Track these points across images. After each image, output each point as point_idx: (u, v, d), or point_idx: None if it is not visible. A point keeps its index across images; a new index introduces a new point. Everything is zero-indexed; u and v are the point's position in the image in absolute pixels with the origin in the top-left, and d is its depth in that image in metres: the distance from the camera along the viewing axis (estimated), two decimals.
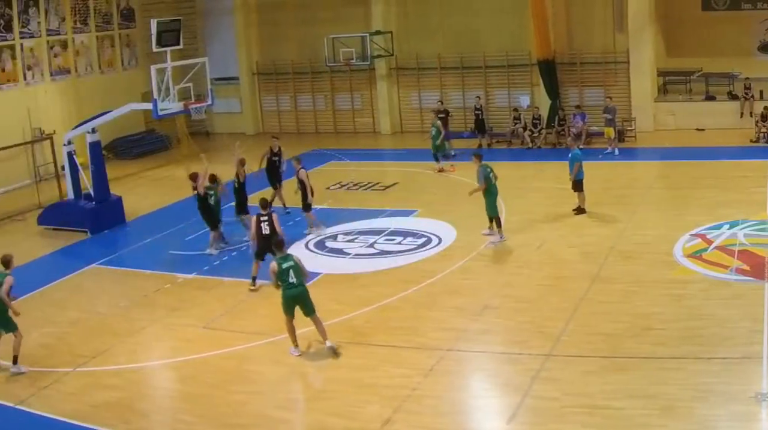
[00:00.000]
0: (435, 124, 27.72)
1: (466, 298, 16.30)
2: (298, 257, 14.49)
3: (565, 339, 14.00)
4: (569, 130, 29.22)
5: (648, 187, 24.03)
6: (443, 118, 29.37)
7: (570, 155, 21.19)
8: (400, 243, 20.13)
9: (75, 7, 32.74)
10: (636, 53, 30.67)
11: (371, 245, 20.11)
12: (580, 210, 21.09)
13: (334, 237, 20.90)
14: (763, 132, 27.65)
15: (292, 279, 14.02)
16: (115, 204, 23.87)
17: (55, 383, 13.85)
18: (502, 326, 15.03)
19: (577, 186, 21.09)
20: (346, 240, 20.66)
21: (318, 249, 20.04)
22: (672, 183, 24.33)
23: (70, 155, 23.44)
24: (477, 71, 33.57)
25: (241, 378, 13.69)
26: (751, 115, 28.95)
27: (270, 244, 16.81)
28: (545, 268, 17.65)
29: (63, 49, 32.27)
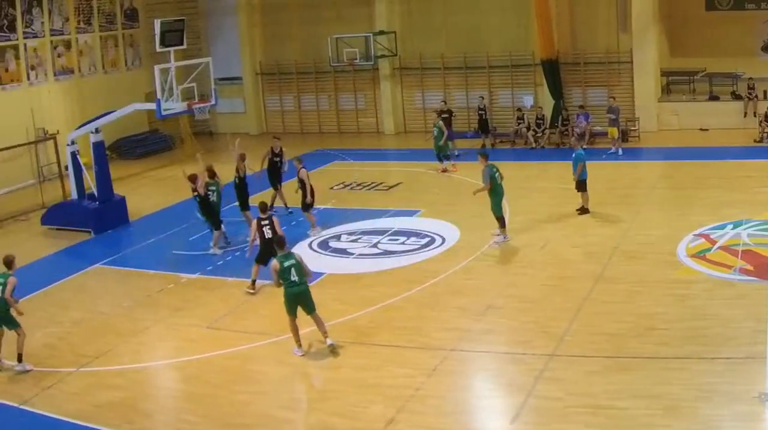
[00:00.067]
0: (437, 124, 27.67)
1: (469, 298, 16.29)
2: (299, 256, 14.49)
3: (569, 339, 13.99)
4: (573, 130, 29.20)
5: (651, 188, 24.00)
6: (447, 118, 29.37)
7: (573, 155, 21.17)
8: (403, 243, 20.13)
9: (78, 7, 32.74)
10: (639, 53, 30.62)
11: (375, 245, 20.10)
12: (583, 210, 21.07)
13: (337, 237, 20.90)
14: (767, 132, 27.60)
15: (293, 277, 14.02)
16: (119, 204, 23.86)
17: (59, 383, 13.87)
18: (505, 326, 15.02)
19: (581, 186, 21.08)
20: (349, 240, 20.66)
21: (321, 249, 20.03)
22: (675, 183, 24.30)
23: (73, 155, 23.46)
24: (480, 71, 33.54)
25: (245, 378, 13.69)
26: (755, 115, 28.92)
27: (272, 248, 16.78)
28: (549, 268, 17.63)
29: (66, 49, 32.28)
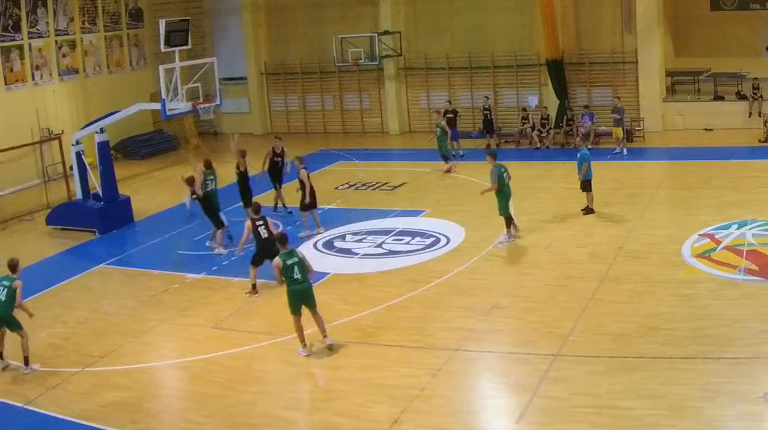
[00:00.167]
0: (440, 124, 27.64)
1: (474, 298, 16.28)
2: (302, 253, 14.53)
3: (574, 339, 13.98)
4: (578, 130, 29.16)
5: (656, 188, 23.98)
6: (452, 118, 29.37)
7: (578, 155, 21.14)
8: (408, 243, 20.12)
9: (83, 7, 32.80)
10: (644, 53, 30.60)
11: (379, 245, 20.10)
12: (588, 210, 21.06)
13: (342, 237, 20.89)
14: None
15: (296, 275, 14.03)
16: (124, 204, 23.91)
17: (64, 383, 13.88)
18: (510, 325, 15.01)
19: (586, 186, 21.06)
20: (354, 240, 20.66)
21: (326, 249, 20.02)
22: (680, 183, 24.25)
23: (78, 155, 23.51)
24: (485, 71, 33.53)
25: (250, 378, 13.69)
26: (760, 115, 28.85)
27: (268, 248, 16.80)
28: (554, 268, 17.61)
29: (71, 50, 32.34)
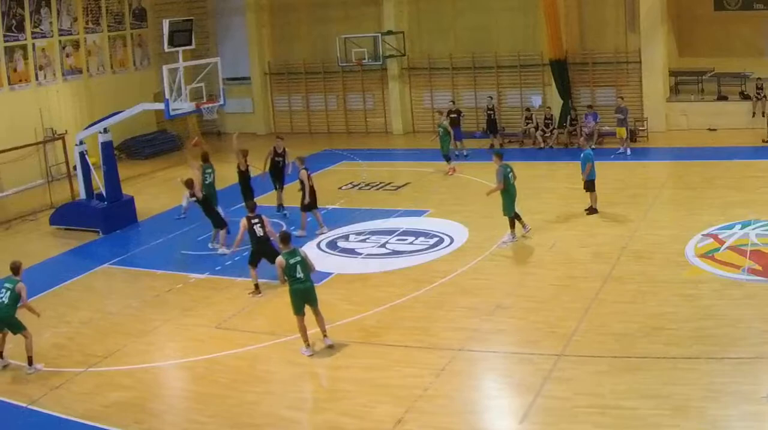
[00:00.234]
0: (442, 124, 27.61)
1: (478, 298, 16.28)
2: (304, 252, 14.54)
3: (577, 339, 13.97)
4: (581, 130, 29.15)
5: (660, 188, 23.95)
6: (455, 118, 29.35)
7: (582, 155, 21.13)
8: (412, 243, 20.12)
9: (87, 7, 32.82)
10: (648, 53, 30.57)
11: (383, 245, 20.10)
12: (592, 210, 21.05)
13: (345, 237, 20.90)
14: None
15: (299, 274, 14.05)
16: (127, 204, 23.92)
17: (67, 383, 13.90)
18: (514, 325, 15.01)
19: (589, 186, 21.05)
20: (357, 240, 20.67)
21: (330, 249, 20.03)
22: (684, 183, 24.22)
23: (82, 155, 23.51)
24: (489, 71, 33.51)
25: (253, 378, 13.71)
26: (764, 115, 28.81)
27: (264, 246, 16.83)
28: (557, 268, 17.60)
29: (75, 49, 32.36)
